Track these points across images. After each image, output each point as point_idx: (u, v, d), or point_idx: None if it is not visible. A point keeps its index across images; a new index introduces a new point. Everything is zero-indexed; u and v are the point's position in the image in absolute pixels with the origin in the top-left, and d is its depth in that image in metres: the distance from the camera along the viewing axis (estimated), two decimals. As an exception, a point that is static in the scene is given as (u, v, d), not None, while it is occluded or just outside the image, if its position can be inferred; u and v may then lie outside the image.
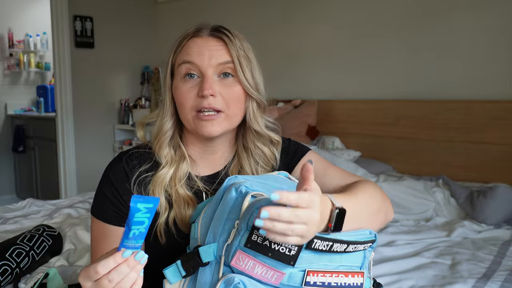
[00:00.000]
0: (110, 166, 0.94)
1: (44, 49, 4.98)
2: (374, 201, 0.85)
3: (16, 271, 1.32)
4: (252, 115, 0.94)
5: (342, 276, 0.71)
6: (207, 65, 0.88)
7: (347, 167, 2.30)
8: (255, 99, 0.93)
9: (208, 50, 0.89)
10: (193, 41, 0.91)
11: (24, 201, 2.26)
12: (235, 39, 0.90)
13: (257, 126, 0.95)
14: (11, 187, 4.81)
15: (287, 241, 0.60)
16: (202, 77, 0.88)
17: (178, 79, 0.91)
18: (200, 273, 0.74)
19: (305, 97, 3.10)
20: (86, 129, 3.79)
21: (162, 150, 0.92)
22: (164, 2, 4.09)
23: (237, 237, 0.69)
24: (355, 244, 0.72)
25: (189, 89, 0.89)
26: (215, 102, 0.87)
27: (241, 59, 0.89)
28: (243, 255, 0.68)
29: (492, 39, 2.42)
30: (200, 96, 0.87)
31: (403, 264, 1.49)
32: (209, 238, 0.74)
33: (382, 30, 2.81)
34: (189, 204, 0.90)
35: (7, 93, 4.83)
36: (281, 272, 0.68)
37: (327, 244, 0.68)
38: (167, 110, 0.93)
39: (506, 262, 1.52)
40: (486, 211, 1.92)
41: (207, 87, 0.86)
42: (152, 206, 0.59)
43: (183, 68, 0.89)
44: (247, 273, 0.68)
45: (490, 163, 2.39)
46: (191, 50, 0.89)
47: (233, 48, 0.89)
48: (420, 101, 2.65)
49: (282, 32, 3.28)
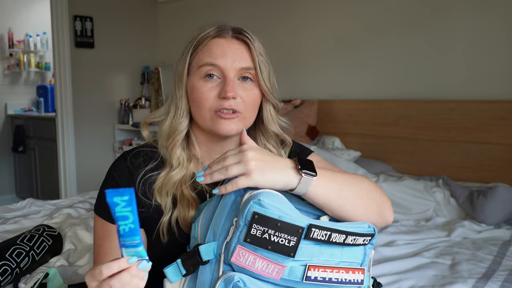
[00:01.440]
0: (114, 165, 0.94)
1: (44, 49, 4.98)
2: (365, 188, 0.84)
3: (16, 271, 1.32)
4: (270, 117, 0.97)
5: (343, 272, 0.72)
6: (230, 67, 0.88)
7: (347, 167, 2.30)
8: (271, 102, 0.96)
9: (231, 52, 0.89)
10: (216, 42, 0.91)
11: (24, 201, 2.26)
12: (256, 43, 0.92)
13: (275, 127, 0.98)
14: (11, 187, 4.81)
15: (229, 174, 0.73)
16: (224, 79, 0.89)
17: (197, 79, 0.90)
18: (200, 271, 0.74)
19: (305, 97, 3.10)
20: (86, 129, 3.79)
21: (175, 150, 0.92)
22: (164, 2, 4.09)
23: (236, 233, 0.69)
24: (354, 236, 0.73)
25: (210, 90, 0.89)
26: (236, 104, 0.89)
27: (261, 64, 0.91)
28: (243, 250, 0.68)
29: (492, 39, 2.42)
30: (222, 97, 0.88)
31: (403, 264, 1.49)
32: (209, 237, 0.74)
33: (382, 30, 2.81)
34: (192, 205, 0.90)
35: (7, 93, 4.84)
36: (281, 265, 0.69)
37: (325, 233, 0.69)
38: (183, 109, 0.93)
39: (506, 262, 1.52)
40: (486, 211, 1.92)
41: (230, 89, 0.87)
42: (128, 198, 0.57)
43: (205, 69, 0.89)
44: (248, 268, 0.69)
45: (490, 163, 2.39)
46: (215, 51, 0.90)
47: (255, 52, 0.91)
48: (420, 101, 2.65)
49: (282, 32, 3.28)
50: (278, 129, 0.98)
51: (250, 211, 0.68)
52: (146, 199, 0.90)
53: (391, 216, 0.88)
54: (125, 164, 0.92)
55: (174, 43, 4.05)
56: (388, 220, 0.88)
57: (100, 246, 0.90)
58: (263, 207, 0.68)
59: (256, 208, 0.68)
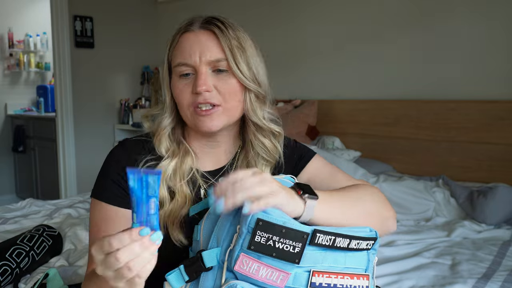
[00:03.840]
0: (115, 149, 0.92)
1: (44, 49, 4.98)
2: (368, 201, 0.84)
3: (16, 271, 1.32)
4: (250, 106, 0.91)
5: (347, 278, 0.71)
6: (200, 63, 0.86)
7: (347, 167, 2.30)
8: (253, 91, 0.90)
9: (199, 46, 0.87)
10: (185, 37, 0.89)
11: (24, 201, 2.26)
12: (228, 30, 0.88)
13: (256, 118, 0.92)
14: (11, 187, 4.81)
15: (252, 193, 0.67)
16: (196, 74, 0.87)
17: (175, 78, 0.90)
18: (202, 278, 0.73)
19: (305, 97, 3.10)
20: (86, 129, 3.79)
21: (162, 144, 0.91)
22: (164, 2, 4.09)
23: (239, 240, 0.68)
24: (358, 240, 0.72)
25: (184, 86, 0.88)
26: (211, 96, 0.86)
27: (234, 50, 0.87)
28: (247, 258, 0.67)
29: (492, 39, 2.42)
30: (194, 93, 0.87)
31: (403, 264, 1.49)
32: (212, 243, 0.73)
33: (382, 30, 2.81)
34: (188, 203, 0.89)
35: (7, 93, 4.83)
36: (286, 273, 0.67)
37: (329, 238, 0.68)
38: (167, 107, 0.93)
39: (506, 262, 1.52)
40: (486, 211, 1.92)
41: (200, 83, 0.85)
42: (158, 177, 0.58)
43: (178, 69, 0.89)
44: (252, 277, 0.68)
45: (489, 163, 2.39)
46: (183, 48, 0.88)
47: (224, 40, 0.87)
48: (420, 101, 2.65)
49: (282, 32, 3.28)
50: (261, 120, 0.92)
51: (253, 218, 0.66)
52: None
53: (393, 226, 0.88)
54: (125, 149, 0.91)
55: (174, 43, 4.05)
56: (390, 230, 0.88)
57: (98, 231, 0.86)
58: (267, 213, 0.67)
59: (260, 214, 0.67)
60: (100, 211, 0.87)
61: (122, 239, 0.58)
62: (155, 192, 0.59)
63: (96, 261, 0.60)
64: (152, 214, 0.59)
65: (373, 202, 0.85)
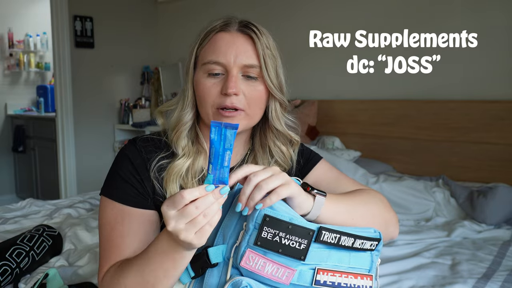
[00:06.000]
0: (126, 148, 0.91)
1: (44, 49, 4.98)
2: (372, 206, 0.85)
3: (16, 271, 1.32)
4: (275, 114, 0.93)
5: (351, 277, 0.72)
6: (233, 64, 0.86)
7: (347, 167, 2.30)
8: (278, 100, 0.92)
9: (235, 48, 0.87)
10: (221, 36, 0.89)
11: (24, 201, 2.26)
12: (263, 37, 0.89)
13: (279, 125, 0.94)
14: (11, 187, 4.81)
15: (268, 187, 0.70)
16: (226, 75, 0.87)
17: (201, 74, 0.89)
18: (208, 274, 0.73)
19: (305, 97, 3.10)
20: (86, 129, 3.79)
21: (180, 141, 0.90)
22: (164, 2, 4.09)
23: (246, 236, 0.69)
24: (362, 239, 0.72)
25: (212, 85, 0.87)
26: (238, 101, 0.86)
27: (267, 58, 0.88)
28: (253, 254, 0.68)
29: (492, 39, 2.42)
30: (223, 93, 0.86)
31: (403, 264, 1.49)
32: (218, 240, 0.74)
33: (382, 30, 2.80)
34: None
35: (7, 93, 4.83)
36: (292, 269, 0.68)
37: (335, 236, 0.69)
38: (188, 101, 0.92)
39: (506, 262, 1.52)
40: (486, 211, 1.92)
41: (231, 85, 0.85)
42: (234, 132, 0.65)
43: (208, 67, 0.88)
44: (257, 273, 0.68)
45: (490, 163, 2.39)
46: (218, 47, 0.88)
47: (260, 47, 0.88)
48: (420, 101, 2.65)
49: (282, 32, 3.28)
50: (284, 128, 0.95)
51: (260, 214, 0.67)
52: (161, 187, 0.88)
53: (396, 232, 0.89)
54: (136, 148, 0.90)
55: (174, 43, 4.05)
56: (393, 235, 0.89)
57: (112, 230, 0.85)
58: (274, 209, 0.68)
59: (267, 210, 0.67)
60: (112, 209, 0.87)
61: (193, 193, 0.64)
62: (230, 145, 0.64)
63: (169, 217, 0.65)
64: (225, 166, 0.65)
65: (377, 206, 0.86)
